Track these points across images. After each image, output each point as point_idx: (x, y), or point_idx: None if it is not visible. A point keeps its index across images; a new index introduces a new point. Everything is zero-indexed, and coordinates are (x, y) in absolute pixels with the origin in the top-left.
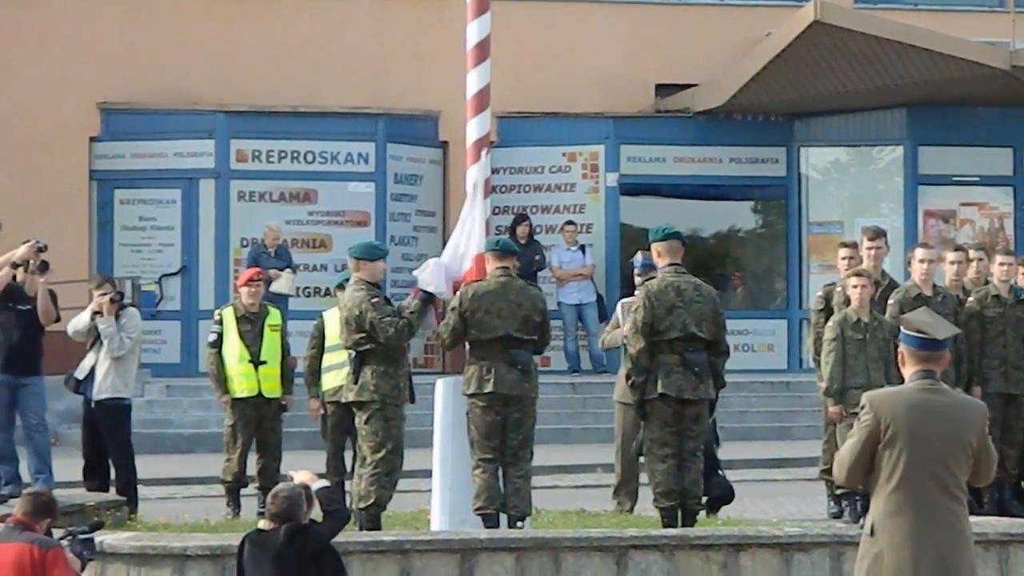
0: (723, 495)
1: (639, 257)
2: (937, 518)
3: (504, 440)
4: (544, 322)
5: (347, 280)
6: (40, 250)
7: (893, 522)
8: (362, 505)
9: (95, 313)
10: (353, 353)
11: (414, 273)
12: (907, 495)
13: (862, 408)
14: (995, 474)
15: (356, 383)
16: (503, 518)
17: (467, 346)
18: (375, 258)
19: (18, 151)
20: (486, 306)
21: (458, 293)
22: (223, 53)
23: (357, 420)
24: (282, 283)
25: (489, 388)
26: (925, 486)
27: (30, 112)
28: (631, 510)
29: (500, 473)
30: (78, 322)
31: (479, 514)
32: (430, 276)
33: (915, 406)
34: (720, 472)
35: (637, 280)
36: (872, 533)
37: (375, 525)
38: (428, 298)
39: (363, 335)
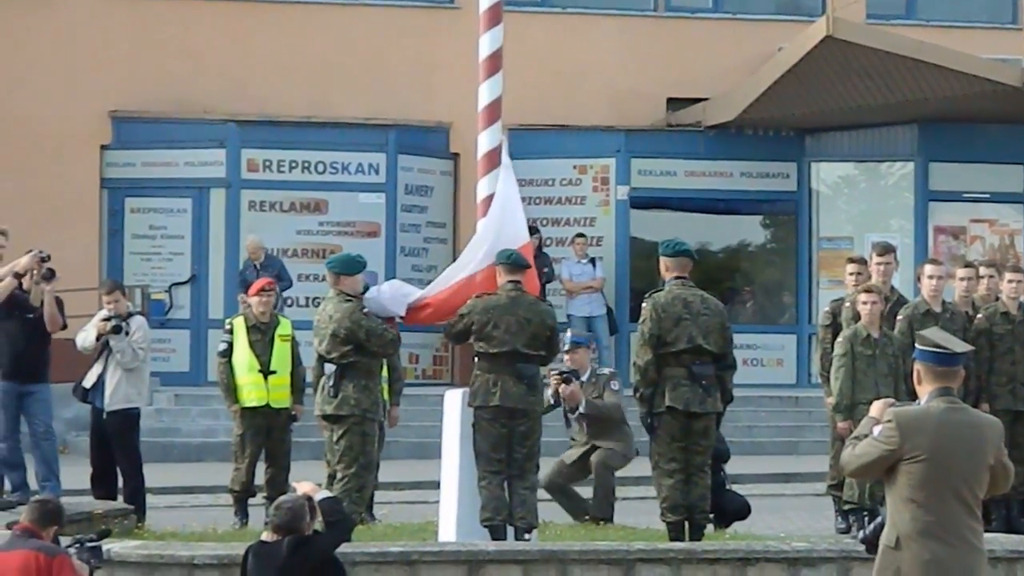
0: (738, 510)
1: (569, 334)
2: (963, 537)
3: (510, 453)
4: (553, 337)
5: None
6: (43, 260)
7: (919, 540)
8: None
9: (100, 335)
10: (334, 366)
11: (366, 297)
12: (933, 514)
13: (888, 422)
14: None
15: (336, 396)
16: (510, 530)
17: (475, 359)
18: (356, 271)
19: (29, 158)
20: (495, 320)
21: (468, 302)
22: (235, 62)
23: (330, 435)
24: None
25: (495, 401)
26: (950, 505)
27: (41, 119)
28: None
29: (506, 485)
30: (86, 339)
31: (485, 526)
32: (383, 303)
33: (942, 426)
34: (728, 488)
35: (565, 358)
36: (896, 546)
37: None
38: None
39: (351, 347)
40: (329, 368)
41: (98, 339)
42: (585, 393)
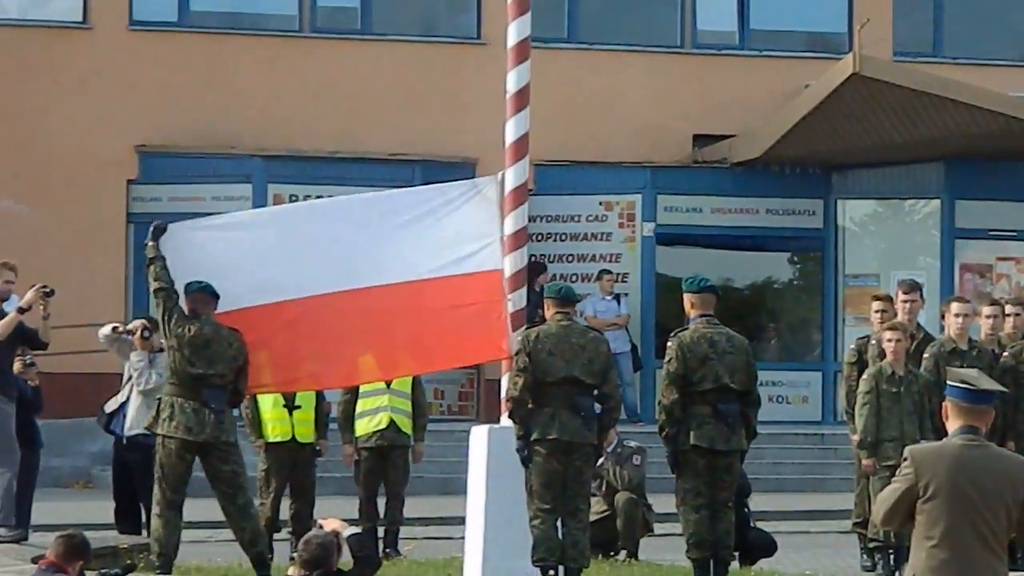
0: (764, 547)
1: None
2: (979, 574)
3: (564, 490)
4: (608, 367)
5: None
6: (47, 295)
7: None
8: None
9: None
10: None
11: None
12: (949, 551)
13: (904, 460)
14: None
15: None
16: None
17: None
18: None
19: (57, 192)
20: (549, 348)
21: (521, 337)
22: (262, 97)
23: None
24: None
25: (553, 434)
26: (967, 542)
27: (69, 153)
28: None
29: (559, 524)
30: (103, 329)
31: (537, 566)
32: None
33: (957, 462)
34: (753, 525)
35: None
36: None
37: None
38: None
39: None
40: None
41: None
42: (607, 463)
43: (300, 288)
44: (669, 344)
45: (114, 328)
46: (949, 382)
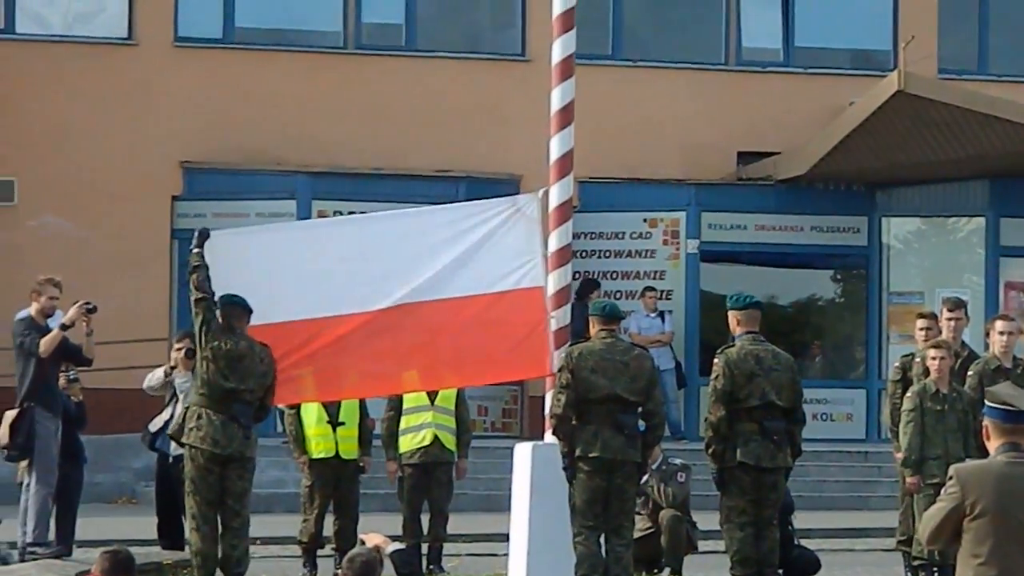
0: (808, 565)
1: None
2: None
3: (606, 507)
4: (652, 384)
5: None
6: (89, 311)
7: None
8: None
9: (171, 368)
10: None
11: None
12: (997, 569)
13: (949, 479)
14: None
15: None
16: None
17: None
18: None
19: (101, 208)
20: (592, 365)
21: (564, 355)
22: (306, 113)
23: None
24: None
25: (595, 452)
26: (1015, 560)
27: (113, 169)
28: None
29: (602, 541)
30: (152, 377)
31: None
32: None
33: (1003, 479)
34: (797, 543)
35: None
36: None
37: None
38: None
39: None
40: None
41: (169, 373)
42: (652, 481)
43: (341, 305)
44: (716, 361)
45: (166, 373)
46: (988, 403)
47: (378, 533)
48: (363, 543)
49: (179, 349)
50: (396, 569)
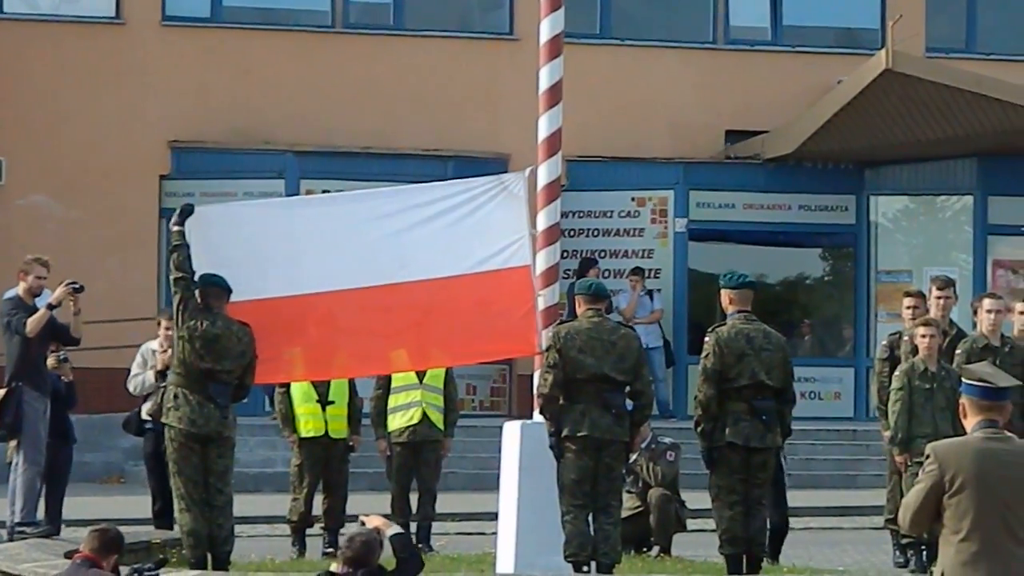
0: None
1: None
2: (1010, 568)
3: (594, 485)
4: (640, 363)
5: None
6: (76, 291)
7: (965, 571)
8: None
9: (162, 371)
10: None
11: None
12: (978, 544)
13: (927, 458)
14: None
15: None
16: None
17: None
18: None
19: (90, 187)
20: (579, 344)
21: (551, 334)
22: (294, 93)
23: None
24: None
25: (584, 431)
26: (996, 534)
27: (102, 148)
28: None
29: (591, 519)
30: (143, 384)
31: (570, 561)
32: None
33: (981, 454)
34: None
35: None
36: None
37: None
38: None
39: None
40: None
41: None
42: (641, 459)
43: (329, 282)
44: (706, 339)
45: (156, 378)
46: (965, 380)
47: (377, 515)
48: (363, 524)
49: (168, 328)
50: (396, 553)
